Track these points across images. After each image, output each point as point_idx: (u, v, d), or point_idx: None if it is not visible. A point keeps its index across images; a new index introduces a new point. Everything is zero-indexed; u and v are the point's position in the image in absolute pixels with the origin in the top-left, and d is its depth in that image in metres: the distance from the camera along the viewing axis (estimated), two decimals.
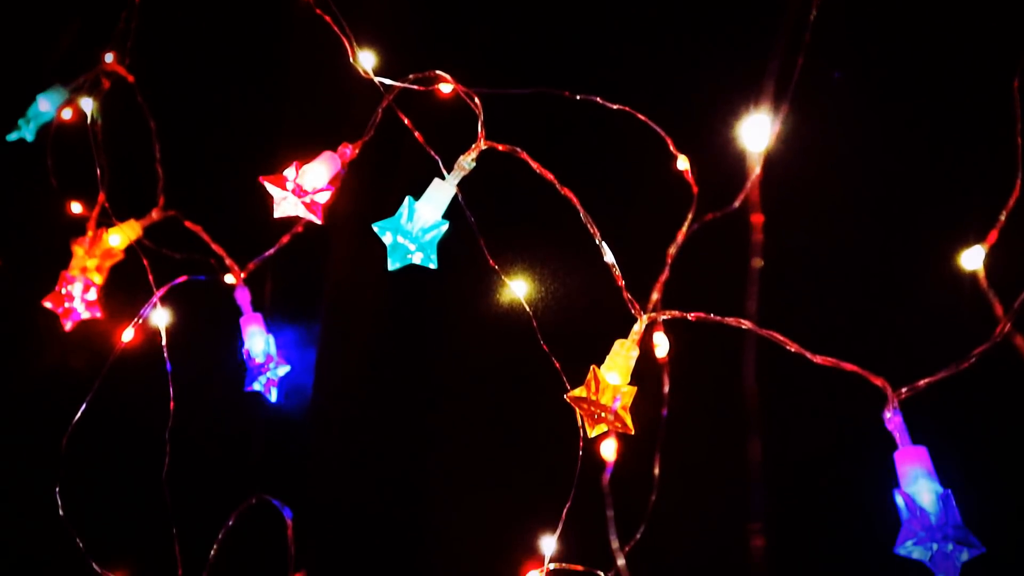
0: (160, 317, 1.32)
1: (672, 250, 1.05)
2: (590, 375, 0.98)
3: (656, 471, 1.03)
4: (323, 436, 1.39)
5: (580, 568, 1.16)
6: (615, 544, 0.99)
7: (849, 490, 1.05)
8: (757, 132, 0.99)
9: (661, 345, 1.01)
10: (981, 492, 0.92)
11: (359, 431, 1.37)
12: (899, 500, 0.88)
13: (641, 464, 1.05)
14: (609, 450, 0.97)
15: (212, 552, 1.31)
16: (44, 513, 1.27)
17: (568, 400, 0.99)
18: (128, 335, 1.29)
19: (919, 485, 0.88)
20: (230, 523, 1.32)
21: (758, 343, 0.99)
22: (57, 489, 1.26)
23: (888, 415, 0.92)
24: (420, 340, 1.34)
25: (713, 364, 1.09)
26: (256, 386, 1.34)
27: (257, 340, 1.35)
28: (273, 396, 1.34)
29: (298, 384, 1.40)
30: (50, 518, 1.26)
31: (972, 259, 0.96)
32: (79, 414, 1.28)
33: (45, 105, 1.52)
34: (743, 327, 1.00)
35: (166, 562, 1.29)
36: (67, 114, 1.51)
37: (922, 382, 0.94)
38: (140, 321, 1.30)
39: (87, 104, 1.45)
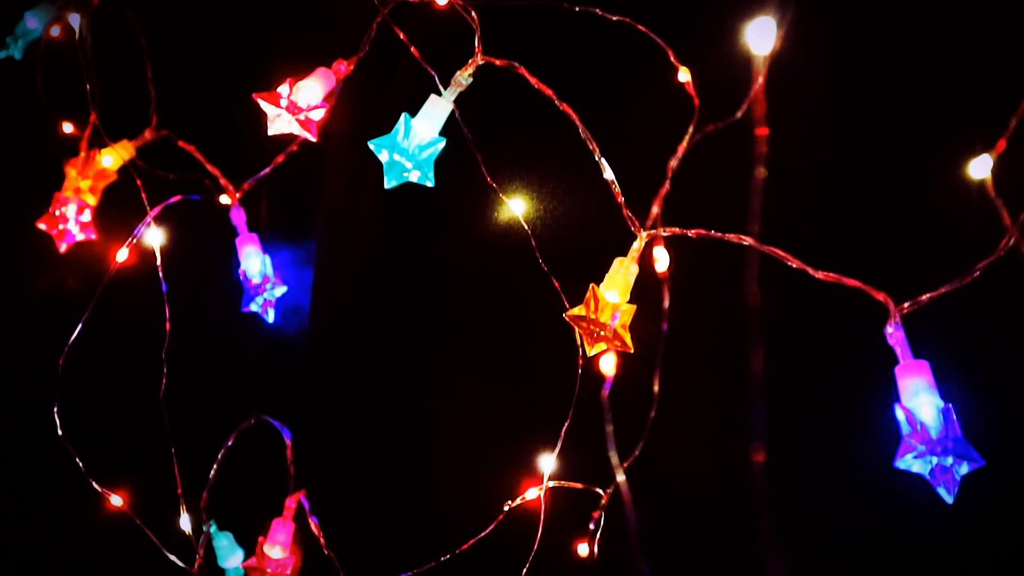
0: (154, 237, 1.31)
1: (673, 163, 1.03)
2: (589, 293, 0.97)
3: (656, 387, 1.03)
4: (321, 356, 1.39)
5: (579, 486, 1.16)
6: (614, 460, 0.98)
7: (850, 405, 1.05)
8: (761, 36, 0.96)
9: (661, 260, 0.99)
10: (983, 407, 0.92)
11: (357, 351, 1.37)
12: (899, 414, 0.87)
13: (641, 381, 1.04)
14: (608, 365, 0.97)
15: (212, 472, 1.32)
16: (43, 433, 1.27)
17: (567, 319, 0.98)
18: (122, 255, 1.28)
19: (920, 399, 0.88)
20: (229, 443, 1.32)
21: (760, 259, 0.98)
22: (55, 409, 1.27)
23: (890, 330, 0.92)
24: (417, 259, 1.33)
25: (714, 280, 1.08)
26: (253, 307, 1.34)
27: (253, 261, 1.34)
28: (270, 317, 1.34)
29: (295, 304, 1.40)
30: (49, 438, 1.26)
31: (980, 168, 0.94)
32: (75, 334, 1.28)
33: (33, 22, 1.49)
34: (744, 243, 0.99)
35: (166, 482, 1.30)
36: (55, 31, 1.48)
37: (924, 297, 0.93)
38: (134, 241, 1.29)
39: (75, 20, 1.43)
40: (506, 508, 1.18)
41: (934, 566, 1.01)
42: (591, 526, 1.14)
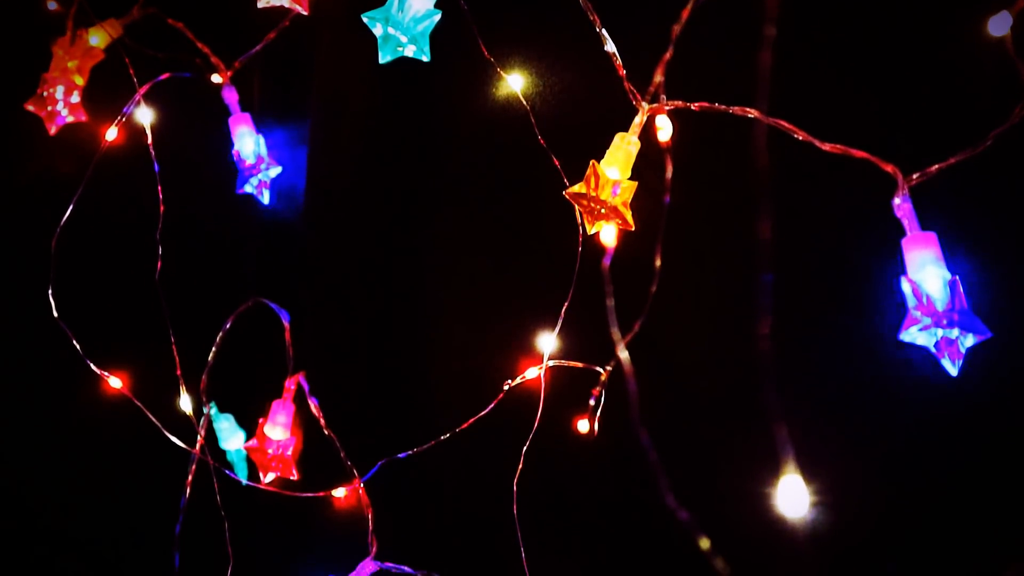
0: (144, 116, 1.29)
1: (676, 28, 0.99)
2: (589, 170, 0.96)
3: (657, 262, 1.01)
4: (317, 237, 1.38)
5: (579, 365, 1.16)
6: (616, 335, 0.97)
7: (856, 278, 1.04)
8: None
9: (664, 129, 0.97)
10: (990, 279, 0.91)
11: (353, 231, 1.36)
12: (905, 286, 0.86)
13: (642, 255, 1.03)
14: (609, 236, 0.95)
15: (211, 355, 1.32)
16: (38, 315, 1.26)
17: (567, 196, 0.97)
18: (112, 134, 1.26)
19: (926, 272, 0.86)
20: (227, 326, 1.32)
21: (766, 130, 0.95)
22: (50, 290, 1.25)
23: (897, 201, 0.90)
24: (413, 137, 1.31)
25: (718, 151, 1.06)
26: (248, 188, 1.32)
27: (247, 141, 1.32)
28: (265, 198, 1.32)
29: (290, 185, 1.38)
30: (45, 320, 1.25)
31: (999, 25, 0.91)
32: (67, 215, 1.26)
33: None
34: (750, 115, 0.96)
35: (165, 364, 1.30)
36: None
37: (934, 167, 0.91)
38: (123, 120, 1.26)
39: None
40: (506, 387, 1.17)
41: (937, 438, 1.01)
42: (591, 403, 1.14)
